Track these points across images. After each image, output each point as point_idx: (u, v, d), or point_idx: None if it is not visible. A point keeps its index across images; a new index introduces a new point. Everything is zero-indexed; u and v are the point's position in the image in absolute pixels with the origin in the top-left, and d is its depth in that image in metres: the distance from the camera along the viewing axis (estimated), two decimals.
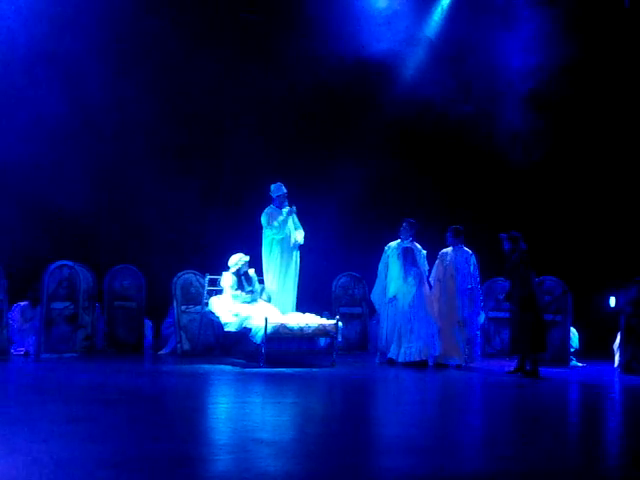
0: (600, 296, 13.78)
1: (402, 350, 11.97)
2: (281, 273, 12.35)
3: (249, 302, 12.15)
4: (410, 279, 12.07)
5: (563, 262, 13.86)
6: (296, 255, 12.44)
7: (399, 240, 12.37)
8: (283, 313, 12.08)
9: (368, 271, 13.14)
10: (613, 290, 13.03)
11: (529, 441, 6.89)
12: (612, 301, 13.31)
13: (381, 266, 12.43)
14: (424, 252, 12.27)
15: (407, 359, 11.89)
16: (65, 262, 12.15)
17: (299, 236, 12.47)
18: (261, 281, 12.59)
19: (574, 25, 14.38)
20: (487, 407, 9.19)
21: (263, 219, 12.36)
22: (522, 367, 11.30)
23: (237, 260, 12.28)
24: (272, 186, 12.51)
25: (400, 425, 7.75)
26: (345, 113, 14.81)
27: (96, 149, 13.50)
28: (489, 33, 14.95)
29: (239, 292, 12.15)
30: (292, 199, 12.66)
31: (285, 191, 12.47)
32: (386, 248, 12.44)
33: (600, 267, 14.35)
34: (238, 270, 12.26)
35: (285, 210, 12.42)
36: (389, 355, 12.14)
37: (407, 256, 12.13)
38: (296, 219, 12.49)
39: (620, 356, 12.17)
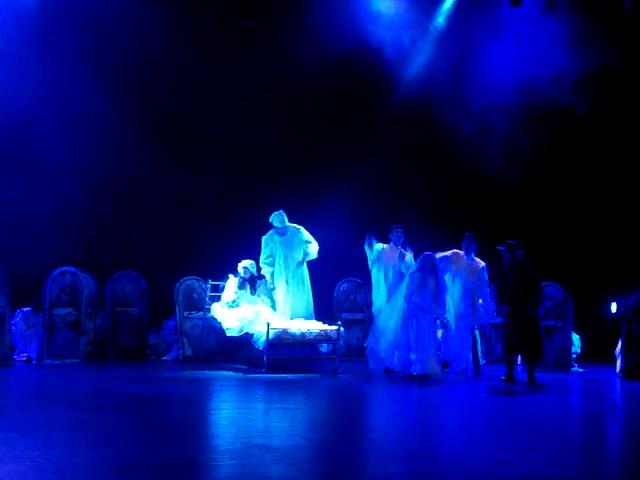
0: (601, 302, 13.78)
1: (401, 360, 11.54)
2: (290, 285, 12.41)
3: (250, 304, 12.22)
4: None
5: (564, 268, 13.86)
6: (302, 268, 12.50)
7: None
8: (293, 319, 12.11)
9: (370, 277, 13.13)
10: (614, 296, 13.04)
11: (530, 447, 6.91)
12: (613, 307, 13.33)
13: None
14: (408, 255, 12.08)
15: (408, 370, 11.41)
16: (68, 268, 12.18)
17: (313, 249, 12.50)
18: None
19: (575, 36, 14.41)
20: (488, 413, 9.18)
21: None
22: (512, 374, 11.20)
23: (243, 265, 12.38)
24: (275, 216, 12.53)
25: (401, 431, 7.75)
26: (349, 115, 14.78)
27: (98, 155, 13.52)
28: (487, 42, 14.98)
29: (234, 297, 12.20)
30: (294, 204, 12.68)
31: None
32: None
33: (601, 273, 14.36)
34: (243, 274, 12.33)
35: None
36: (386, 364, 11.81)
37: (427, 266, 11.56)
38: (302, 235, 12.55)
39: (621, 362, 12.17)
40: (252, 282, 12.40)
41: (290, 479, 5.69)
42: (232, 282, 12.34)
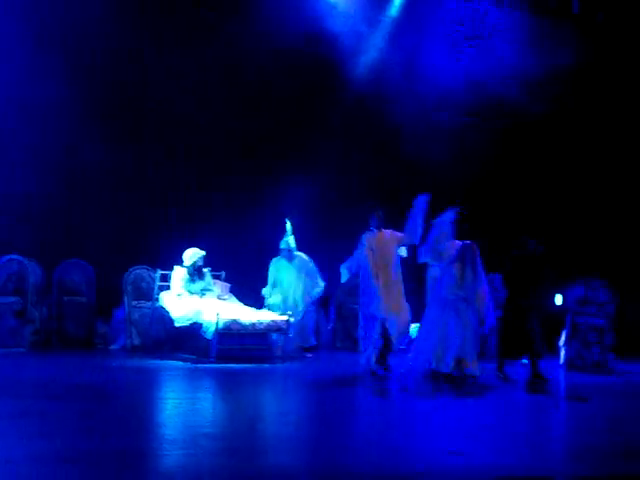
0: (547, 294, 13.96)
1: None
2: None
3: (199, 294, 12.18)
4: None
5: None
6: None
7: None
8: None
9: (319, 266, 13.15)
10: (560, 288, 13.23)
11: (475, 436, 7.02)
12: (558, 299, 13.53)
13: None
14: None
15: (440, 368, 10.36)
16: (14, 256, 12.02)
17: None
18: (215, 276, 12.69)
19: (526, 33, 14.58)
20: (436, 407, 9.25)
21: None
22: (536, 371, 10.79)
23: (192, 254, 12.30)
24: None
25: (348, 422, 7.81)
26: (302, 105, 14.68)
27: (45, 141, 13.30)
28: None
29: (183, 291, 12.14)
30: (245, 193, 12.56)
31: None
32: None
33: (547, 266, 14.55)
34: (193, 264, 12.27)
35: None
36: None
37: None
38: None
39: (565, 353, 12.41)
40: (200, 272, 12.36)
41: (238, 468, 5.71)
42: (180, 273, 12.27)
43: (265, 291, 12.80)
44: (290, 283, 12.79)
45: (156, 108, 14.01)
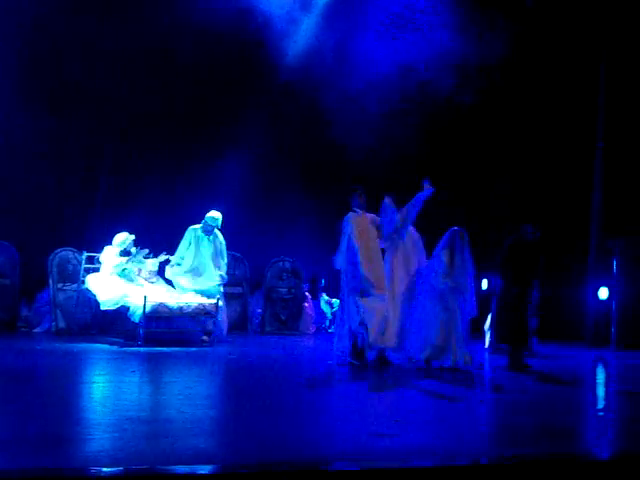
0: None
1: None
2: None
3: (129, 278, 12.05)
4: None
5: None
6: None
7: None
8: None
9: (249, 251, 13.15)
10: (485, 273, 13.42)
11: (402, 419, 7.10)
12: (484, 283, 13.75)
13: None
14: None
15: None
16: None
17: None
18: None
19: (461, 21, 14.70)
20: (362, 392, 9.32)
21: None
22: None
23: (123, 239, 12.16)
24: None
25: (278, 405, 7.81)
26: (230, 85, 14.59)
27: None
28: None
29: (113, 270, 12.00)
30: (170, 172, 12.45)
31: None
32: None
33: (473, 250, 14.73)
34: (124, 248, 12.15)
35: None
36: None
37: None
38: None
39: (490, 337, 12.63)
40: (129, 255, 12.26)
41: (164, 452, 5.66)
42: (112, 252, 12.11)
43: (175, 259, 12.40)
44: (203, 257, 12.43)
45: (84, 89, 13.76)
